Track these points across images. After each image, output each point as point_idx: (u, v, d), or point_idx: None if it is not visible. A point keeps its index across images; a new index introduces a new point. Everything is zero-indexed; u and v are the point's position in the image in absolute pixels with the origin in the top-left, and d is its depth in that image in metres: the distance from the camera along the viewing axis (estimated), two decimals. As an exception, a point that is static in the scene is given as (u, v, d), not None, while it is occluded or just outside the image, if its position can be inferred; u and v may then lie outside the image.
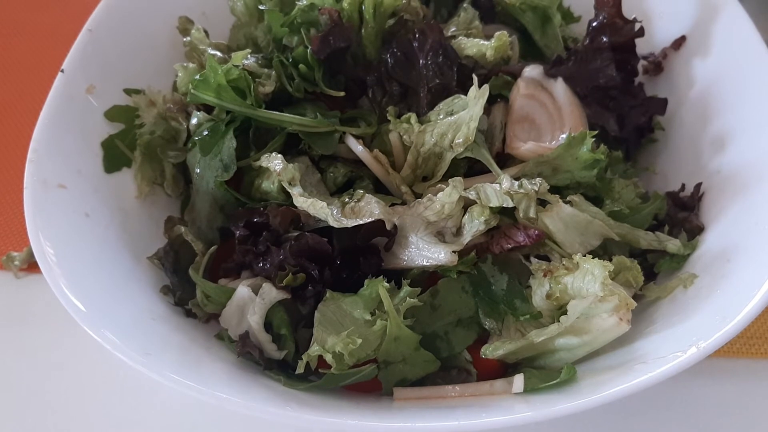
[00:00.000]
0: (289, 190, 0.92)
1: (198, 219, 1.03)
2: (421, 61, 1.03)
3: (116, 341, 0.79)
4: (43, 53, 1.53)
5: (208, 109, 1.06)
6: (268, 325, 0.90)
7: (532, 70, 1.07)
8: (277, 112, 1.00)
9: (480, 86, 0.95)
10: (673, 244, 0.97)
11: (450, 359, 0.91)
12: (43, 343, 1.10)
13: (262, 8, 1.17)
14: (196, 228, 1.03)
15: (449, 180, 0.90)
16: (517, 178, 0.92)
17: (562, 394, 0.80)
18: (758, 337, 1.06)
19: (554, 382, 0.81)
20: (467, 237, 0.90)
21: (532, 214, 0.89)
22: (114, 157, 1.06)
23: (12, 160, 1.33)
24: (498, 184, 0.90)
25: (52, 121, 1.00)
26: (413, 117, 0.99)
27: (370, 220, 0.89)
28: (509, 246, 0.90)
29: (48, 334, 1.11)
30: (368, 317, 0.86)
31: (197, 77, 0.99)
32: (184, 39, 1.17)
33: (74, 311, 0.81)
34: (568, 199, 0.93)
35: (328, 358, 0.82)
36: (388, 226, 0.90)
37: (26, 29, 1.59)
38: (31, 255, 1.17)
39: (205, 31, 1.17)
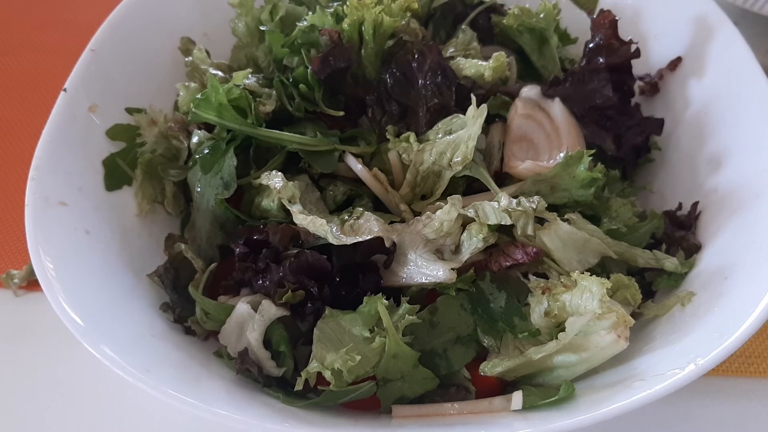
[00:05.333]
0: (289, 208, 0.93)
1: (198, 237, 1.04)
2: (420, 81, 1.04)
3: (115, 357, 0.79)
4: (46, 72, 1.54)
5: (209, 127, 1.06)
6: (267, 342, 0.90)
7: (529, 91, 1.08)
8: (278, 131, 1.01)
9: (478, 106, 0.96)
10: (671, 263, 0.97)
11: (449, 377, 0.91)
12: (43, 361, 1.10)
13: (263, 29, 1.18)
14: (196, 246, 1.03)
15: (448, 198, 0.90)
16: (515, 197, 0.92)
17: (560, 411, 0.80)
18: (757, 355, 1.06)
19: (553, 399, 0.81)
20: (466, 254, 0.90)
21: (530, 231, 0.90)
22: (115, 175, 1.07)
23: (12, 179, 1.33)
24: (496, 202, 0.90)
25: (54, 139, 1.00)
26: (412, 136, 1.00)
27: (369, 237, 0.89)
28: (508, 264, 0.91)
29: (47, 353, 1.10)
30: (367, 334, 0.86)
31: (199, 96, 1.00)
32: (186, 59, 1.18)
33: (73, 326, 0.81)
34: (565, 217, 0.94)
35: (327, 375, 0.82)
36: (387, 244, 0.90)
37: (30, 48, 1.60)
38: (30, 273, 1.17)
39: (207, 52, 1.18)
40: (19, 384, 1.07)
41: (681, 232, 1.02)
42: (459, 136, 0.97)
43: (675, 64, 1.20)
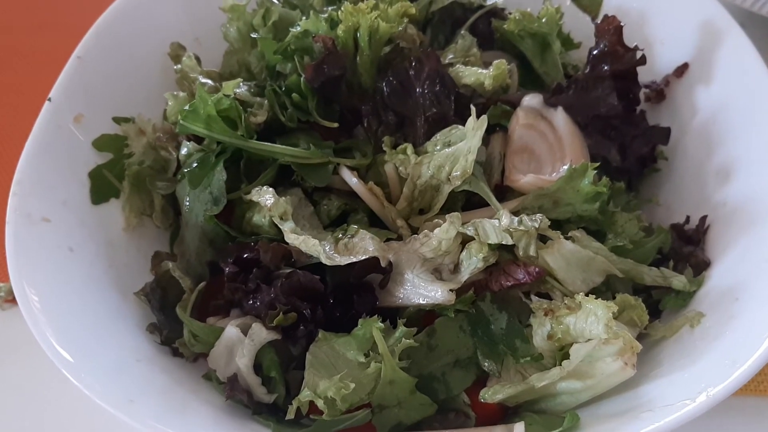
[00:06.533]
0: (280, 226, 0.89)
1: (187, 253, 1.00)
2: (417, 90, 1.00)
3: (99, 388, 0.77)
4: (38, 78, 1.49)
5: (198, 138, 1.03)
6: (257, 367, 0.87)
7: (531, 99, 1.04)
8: (269, 144, 0.98)
9: (478, 116, 0.92)
10: (679, 281, 0.94)
11: (447, 402, 0.88)
12: (30, 376, 1.07)
13: (255, 36, 1.14)
14: (186, 262, 1.00)
15: (446, 216, 0.87)
16: (516, 213, 0.89)
17: (565, 444, 0.77)
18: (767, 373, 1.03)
19: (557, 431, 0.78)
20: (465, 274, 0.87)
21: (532, 252, 0.86)
22: (101, 188, 1.04)
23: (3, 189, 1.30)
24: (497, 220, 0.87)
25: (37, 151, 0.97)
26: (409, 148, 0.96)
27: (364, 257, 0.86)
28: (509, 283, 0.87)
29: (34, 368, 1.06)
30: (362, 359, 0.83)
31: (186, 108, 0.96)
32: (175, 66, 1.14)
33: (61, 363, 0.79)
34: (569, 234, 0.90)
35: (320, 403, 0.79)
36: (383, 263, 0.87)
37: (22, 53, 1.56)
38: (16, 287, 1.13)
39: (197, 58, 1.15)
40: (8, 402, 1.05)
41: (689, 248, 0.99)
42: (458, 149, 0.93)
43: (682, 70, 1.16)
